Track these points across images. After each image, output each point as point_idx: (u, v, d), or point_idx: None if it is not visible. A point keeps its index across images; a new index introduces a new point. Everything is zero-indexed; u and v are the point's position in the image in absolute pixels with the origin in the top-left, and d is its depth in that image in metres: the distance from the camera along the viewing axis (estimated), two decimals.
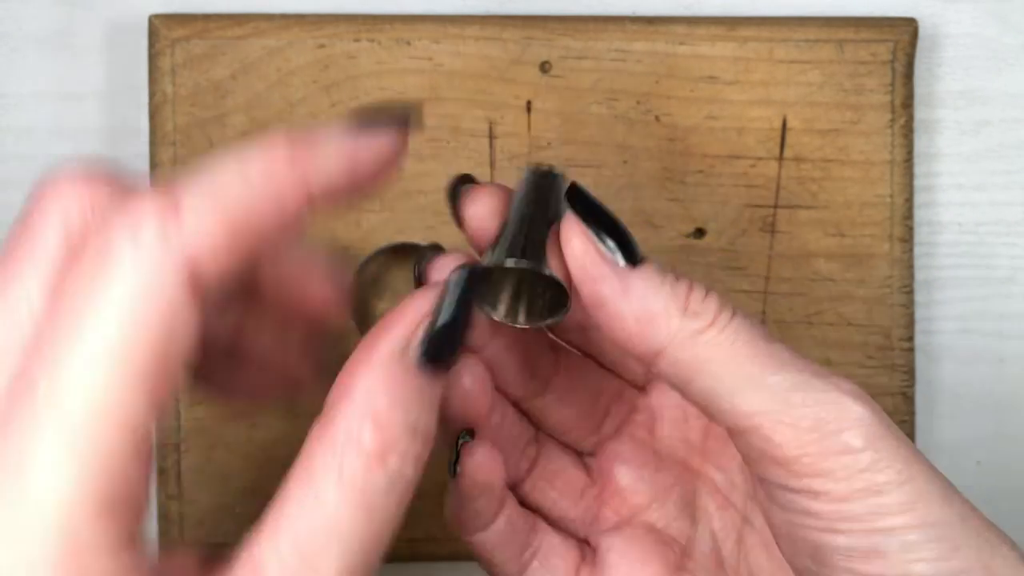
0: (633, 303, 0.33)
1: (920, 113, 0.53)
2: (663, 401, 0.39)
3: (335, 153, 0.28)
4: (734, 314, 0.33)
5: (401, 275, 0.51)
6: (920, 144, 0.53)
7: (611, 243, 0.33)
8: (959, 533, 0.31)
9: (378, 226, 0.51)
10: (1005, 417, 0.53)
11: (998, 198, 0.54)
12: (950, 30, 0.53)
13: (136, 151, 0.52)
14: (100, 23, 0.52)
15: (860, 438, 0.32)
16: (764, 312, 0.51)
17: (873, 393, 0.51)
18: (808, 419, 0.32)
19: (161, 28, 0.50)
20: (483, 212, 0.34)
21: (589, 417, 0.39)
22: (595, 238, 0.33)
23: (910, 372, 0.51)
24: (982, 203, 0.54)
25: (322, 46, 0.50)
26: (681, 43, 0.51)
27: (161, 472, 0.51)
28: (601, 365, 0.39)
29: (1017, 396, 0.53)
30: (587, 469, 0.39)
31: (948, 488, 0.32)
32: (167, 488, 0.51)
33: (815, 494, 0.32)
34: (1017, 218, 0.54)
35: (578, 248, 0.33)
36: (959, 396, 0.53)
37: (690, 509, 0.38)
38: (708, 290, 0.33)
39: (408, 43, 0.50)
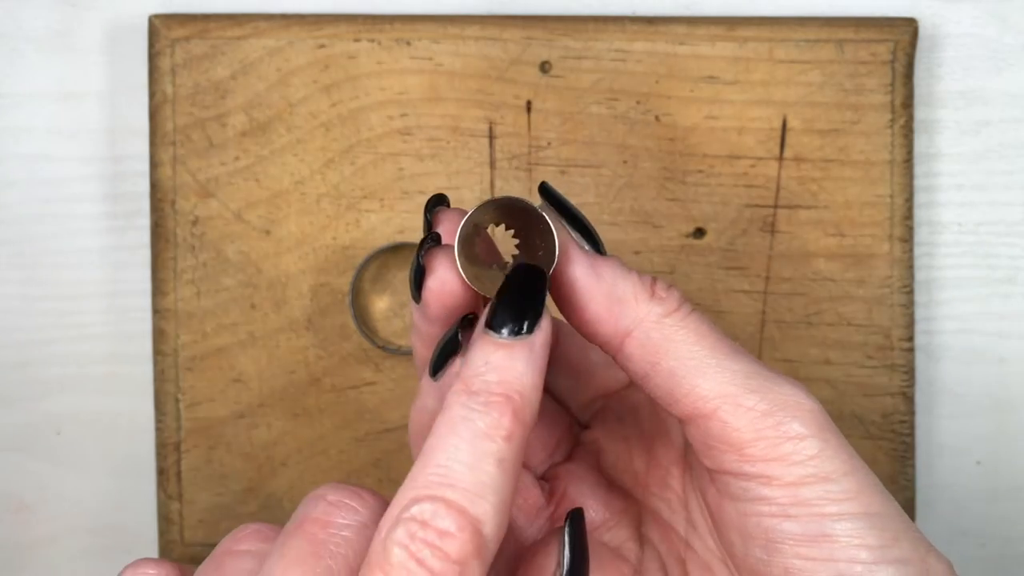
0: (604, 285, 0.35)
1: (920, 113, 0.53)
2: (606, 434, 0.41)
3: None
4: (693, 308, 0.35)
5: (401, 275, 0.51)
6: (920, 144, 0.53)
7: (577, 235, 0.35)
8: (899, 526, 0.33)
9: (378, 226, 0.51)
10: (1005, 417, 0.53)
11: (998, 198, 0.54)
12: (950, 30, 0.53)
13: (136, 151, 0.52)
14: (100, 23, 0.52)
15: (811, 427, 0.33)
16: (764, 312, 0.51)
17: (873, 393, 0.51)
18: (764, 404, 0.34)
19: (161, 28, 0.50)
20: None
21: (544, 442, 0.41)
22: (567, 226, 0.35)
23: (910, 372, 0.51)
24: (982, 203, 0.54)
25: (322, 46, 0.50)
26: (681, 43, 0.51)
27: (161, 472, 0.51)
28: (552, 398, 0.41)
29: (1017, 396, 0.53)
30: (542, 490, 0.40)
31: (884, 487, 0.34)
32: (167, 488, 0.51)
33: (768, 479, 0.33)
34: (1017, 218, 0.54)
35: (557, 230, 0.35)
36: (959, 396, 0.53)
37: (637, 534, 0.39)
38: (670, 284, 0.35)
39: (408, 43, 0.50)
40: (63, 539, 0.54)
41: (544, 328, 0.33)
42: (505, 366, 0.32)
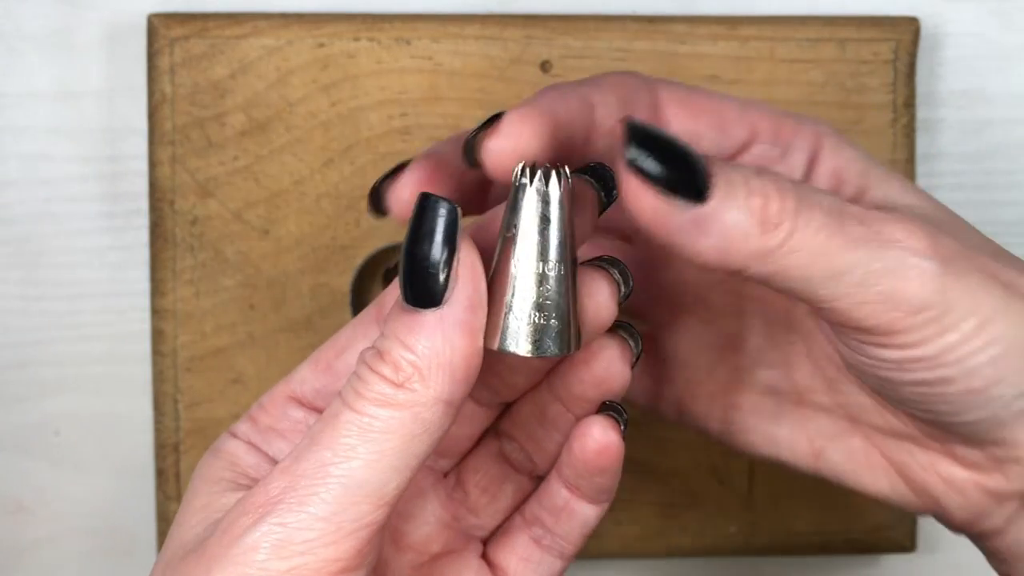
0: (712, 239, 0.33)
1: (922, 112, 0.53)
2: None
3: None
4: (801, 201, 0.34)
5: None
6: (922, 144, 0.53)
7: (681, 181, 0.33)
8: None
9: (378, 226, 0.50)
10: None
11: (1000, 198, 0.54)
12: (952, 29, 0.53)
13: (135, 150, 0.52)
14: (99, 22, 0.51)
15: (927, 293, 0.34)
16: None
17: None
18: (881, 295, 0.34)
19: (160, 27, 0.50)
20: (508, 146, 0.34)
21: None
22: (662, 194, 0.33)
23: None
24: (984, 203, 0.54)
25: (321, 45, 0.50)
26: (682, 42, 0.51)
27: (160, 473, 0.51)
28: None
29: None
30: None
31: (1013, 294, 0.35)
32: (166, 489, 0.51)
33: (889, 347, 0.35)
34: (1019, 218, 0.54)
35: (647, 212, 0.33)
36: None
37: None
38: (779, 188, 0.34)
39: (408, 42, 0.50)
40: (61, 540, 0.53)
41: (458, 298, 0.33)
42: (410, 340, 0.33)
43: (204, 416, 0.51)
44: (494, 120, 0.34)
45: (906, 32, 0.51)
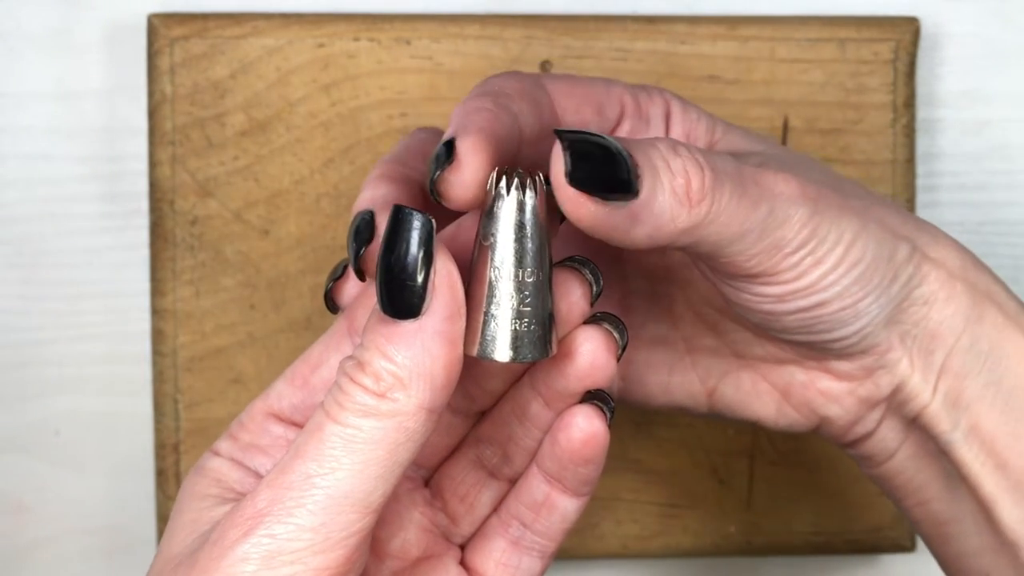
0: (645, 227, 0.35)
1: (922, 112, 0.53)
2: None
3: None
4: (716, 174, 0.35)
5: None
6: (922, 144, 0.53)
7: (614, 182, 0.34)
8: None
9: None
10: None
11: (1000, 198, 0.54)
12: (952, 29, 0.53)
13: (135, 150, 0.52)
14: (99, 22, 0.51)
15: (804, 235, 0.36)
16: None
17: None
18: (769, 244, 0.36)
19: (160, 27, 0.50)
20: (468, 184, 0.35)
21: None
22: (600, 200, 0.34)
23: None
24: (984, 203, 0.54)
25: (321, 45, 0.50)
26: (682, 42, 0.51)
27: (160, 473, 0.51)
28: None
29: None
30: None
31: (872, 221, 0.38)
32: (166, 489, 0.51)
33: (771, 284, 0.37)
34: (1019, 218, 0.54)
35: (587, 219, 0.34)
36: None
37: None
38: (697, 164, 0.35)
39: (408, 42, 0.50)
40: (62, 540, 0.53)
41: (437, 308, 0.33)
42: (390, 352, 0.33)
43: (204, 416, 0.51)
44: (448, 153, 0.34)
45: (906, 32, 0.51)
